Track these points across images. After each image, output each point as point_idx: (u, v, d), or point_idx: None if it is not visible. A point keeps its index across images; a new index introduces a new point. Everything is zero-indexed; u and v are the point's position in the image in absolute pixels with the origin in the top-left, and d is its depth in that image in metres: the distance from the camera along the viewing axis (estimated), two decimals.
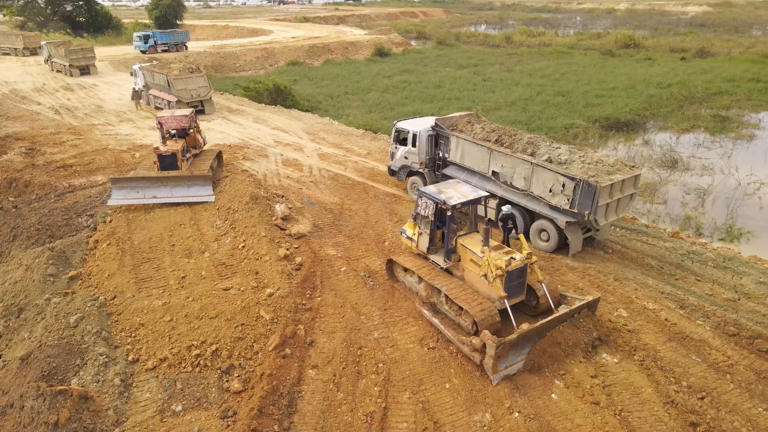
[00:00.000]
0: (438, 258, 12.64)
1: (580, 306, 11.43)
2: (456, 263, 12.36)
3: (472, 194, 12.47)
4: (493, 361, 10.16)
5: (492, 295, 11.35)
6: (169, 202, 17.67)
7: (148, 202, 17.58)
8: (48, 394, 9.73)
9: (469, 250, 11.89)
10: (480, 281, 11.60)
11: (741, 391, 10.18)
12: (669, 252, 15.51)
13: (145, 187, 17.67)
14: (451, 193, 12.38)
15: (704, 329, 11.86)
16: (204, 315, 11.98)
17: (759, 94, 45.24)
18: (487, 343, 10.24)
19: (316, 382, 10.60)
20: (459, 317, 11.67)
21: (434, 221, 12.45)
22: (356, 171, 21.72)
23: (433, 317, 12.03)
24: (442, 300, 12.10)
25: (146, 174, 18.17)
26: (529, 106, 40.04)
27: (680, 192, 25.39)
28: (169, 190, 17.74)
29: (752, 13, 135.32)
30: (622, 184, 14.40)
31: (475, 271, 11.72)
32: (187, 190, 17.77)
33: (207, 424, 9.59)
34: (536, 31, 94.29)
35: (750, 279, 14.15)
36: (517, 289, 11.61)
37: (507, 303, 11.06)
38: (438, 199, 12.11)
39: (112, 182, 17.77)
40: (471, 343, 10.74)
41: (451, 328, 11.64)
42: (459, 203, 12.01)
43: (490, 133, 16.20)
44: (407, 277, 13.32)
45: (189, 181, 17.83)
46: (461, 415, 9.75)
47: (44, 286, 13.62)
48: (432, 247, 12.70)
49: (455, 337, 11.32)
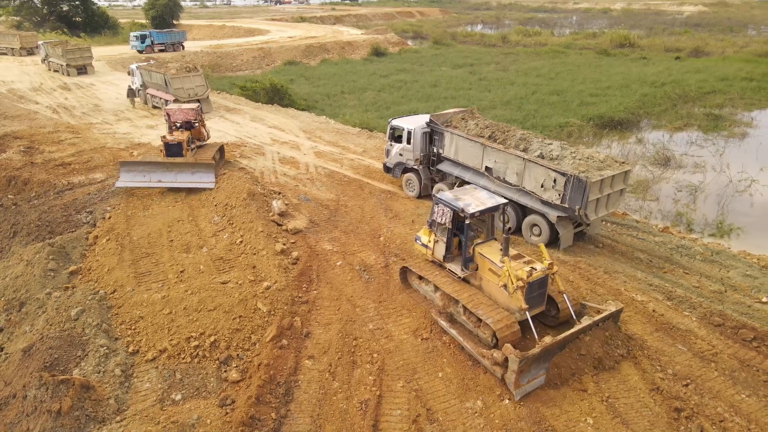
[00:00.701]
0: (455, 266, 12.23)
1: (602, 317, 11.00)
2: (473, 272, 11.95)
3: (490, 201, 12.00)
4: (516, 376, 9.76)
5: (511, 306, 10.99)
6: (173, 186, 18.65)
7: (153, 186, 18.71)
8: (50, 384, 9.98)
9: (488, 259, 11.45)
10: (499, 291, 11.21)
11: (725, 378, 10.49)
12: (658, 246, 15.83)
13: (151, 171, 18.73)
14: (468, 200, 11.93)
15: (690, 320, 12.18)
16: (202, 308, 12.24)
17: (752, 92, 45.65)
18: (510, 357, 9.81)
19: (312, 371, 10.87)
20: (477, 329, 11.29)
21: (451, 229, 12.05)
22: (352, 168, 21.99)
23: (450, 328, 11.62)
24: (460, 310, 11.71)
25: (153, 159, 19.29)
26: (524, 105, 40.35)
27: (672, 189, 25.72)
28: (174, 175, 18.76)
29: (747, 12, 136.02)
30: (612, 179, 14.71)
31: (494, 281, 11.32)
32: (191, 176, 18.74)
33: (206, 412, 9.85)
34: (532, 30, 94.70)
35: (737, 272, 14.48)
36: (537, 300, 11.17)
37: (528, 315, 10.68)
38: (456, 207, 11.66)
39: (120, 165, 18.94)
40: (492, 357, 10.35)
41: (470, 339, 11.27)
42: (477, 211, 11.51)
43: (483, 130, 16.51)
44: (422, 285, 12.89)
45: (193, 167, 18.85)
46: (453, 403, 10.05)
47: (45, 280, 13.86)
48: (448, 255, 12.31)
49: (474, 349, 10.93)
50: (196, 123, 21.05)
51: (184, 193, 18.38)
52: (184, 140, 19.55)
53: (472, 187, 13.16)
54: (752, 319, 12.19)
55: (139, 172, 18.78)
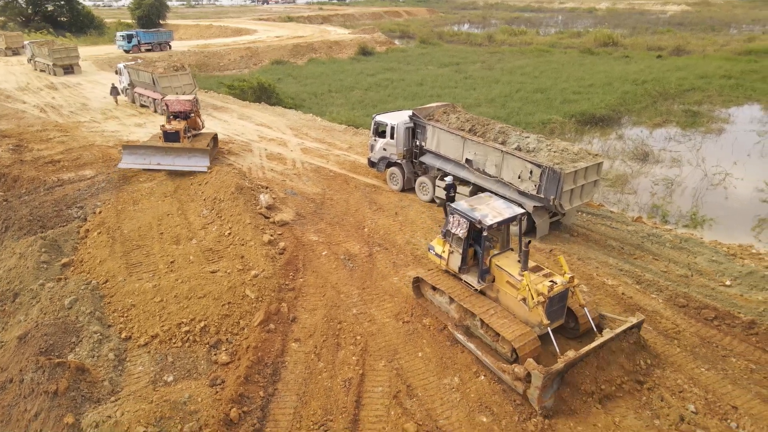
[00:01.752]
0: (471, 278, 11.85)
1: (624, 330, 10.66)
2: (490, 284, 11.62)
3: (507, 211, 11.60)
4: (540, 392, 9.54)
5: (531, 320, 10.74)
6: (171, 169, 20.26)
7: (153, 168, 20.30)
8: (47, 367, 10.42)
9: (506, 271, 11.13)
10: (517, 305, 10.92)
11: (686, 354, 11.18)
12: (630, 235, 16.56)
13: (151, 155, 20.48)
14: (485, 210, 11.51)
15: (657, 301, 12.88)
16: (192, 295, 12.73)
17: (730, 90, 46.71)
18: (533, 373, 9.55)
19: (298, 353, 11.41)
20: (496, 343, 11.00)
21: (467, 239, 11.66)
22: (338, 164, 22.54)
23: (468, 341, 11.34)
24: (477, 324, 11.42)
25: (153, 143, 21.12)
26: (508, 103, 41.04)
27: (650, 183, 26.51)
28: (172, 159, 20.40)
29: (729, 12, 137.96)
30: (586, 171, 15.39)
31: (512, 294, 11.01)
32: (187, 160, 20.30)
33: (197, 391, 10.34)
34: (518, 30, 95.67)
35: (703, 258, 15.23)
36: (557, 314, 10.90)
37: (549, 329, 10.47)
38: (473, 218, 11.26)
39: (123, 148, 20.75)
40: (513, 372, 10.04)
41: (488, 353, 11.00)
42: (495, 222, 11.14)
43: (464, 123, 17.13)
44: (436, 296, 12.54)
45: (189, 152, 20.48)
46: (432, 380, 10.64)
47: (38, 272, 14.25)
48: (464, 267, 11.94)
49: (494, 364, 10.64)
50: (191, 113, 22.55)
51: (173, 188, 18.82)
52: (181, 129, 21.25)
53: (487, 195, 12.71)
54: (715, 300, 12.93)
55: (140, 155, 20.48)
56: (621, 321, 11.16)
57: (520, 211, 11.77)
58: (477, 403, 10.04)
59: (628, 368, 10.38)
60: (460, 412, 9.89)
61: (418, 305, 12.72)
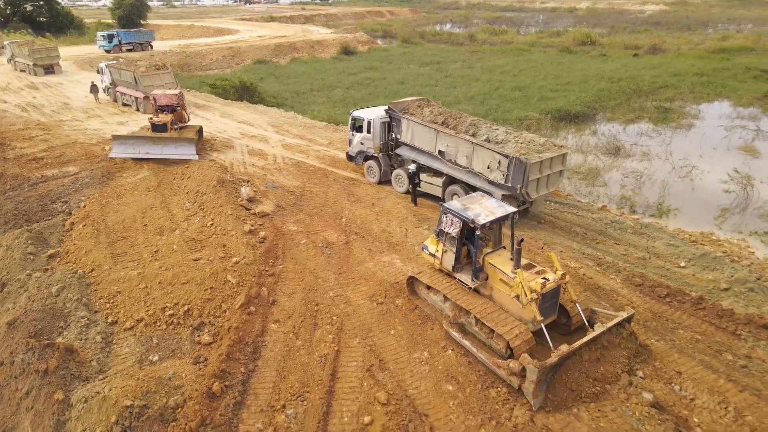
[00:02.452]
0: (465, 277, 12.05)
1: (615, 324, 10.96)
2: (483, 282, 11.83)
3: (499, 210, 11.83)
4: (535, 385, 9.78)
5: (524, 317, 10.94)
6: (159, 157, 21.36)
7: (142, 157, 21.30)
8: (37, 348, 10.95)
9: (499, 269, 11.35)
10: (511, 302, 11.13)
11: (639, 326, 12.04)
12: (595, 222, 17.48)
13: (140, 144, 21.52)
14: (478, 209, 11.75)
15: (615, 281, 13.77)
16: (176, 281, 13.31)
17: (701, 87, 48.15)
18: (528, 368, 9.78)
19: (277, 333, 12.06)
20: (490, 339, 11.26)
21: (460, 239, 11.88)
22: (318, 158, 23.20)
23: (463, 339, 11.53)
24: (471, 321, 11.65)
25: (142, 134, 22.29)
26: (487, 101, 41.95)
27: (620, 175, 27.56)
28: (160, 148, 21.48)
29: (706, 11, 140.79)
30: (551, 161, 16.26)
31: (506, 291, 11.22)
32: (175, 149, 21.52)
33: (181, 369, 10.93)
34: (499, 29, 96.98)
35: (662, 242, 16.18)
36: (550, 310, 11.14)
37: (542, 325, 10.73)
38: (466, 217, 11.49)
39: (113, 138, 21.86)
40: (509, 367, 10.28)
41: (483, 350, 11.22)
42: (488, 222, 11.36)
43: (437, 116, 17.92)
44: (430, 294, 12.74)
45: (176, 142, 21.68)
46: (403, 354, 11.37)
47: (25, 263, 14.70)
48: (458, 265, 12.15)
49: (489, 360, 10.86)
50: (178, 107, 23.79)
51: (156, 183, 19.32)
52: (168, 121, 22.56)
53: (479, 194, 12.87)
54: (668, 279, 13.85)
55: (129, 145, 21.57)
56: (611, 315, 11.42)
57: (511, 210, 11.97)
58: (444, 374, 10.79)
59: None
60: (428, 382, 10.64)
61: (391, 287, 13.44)
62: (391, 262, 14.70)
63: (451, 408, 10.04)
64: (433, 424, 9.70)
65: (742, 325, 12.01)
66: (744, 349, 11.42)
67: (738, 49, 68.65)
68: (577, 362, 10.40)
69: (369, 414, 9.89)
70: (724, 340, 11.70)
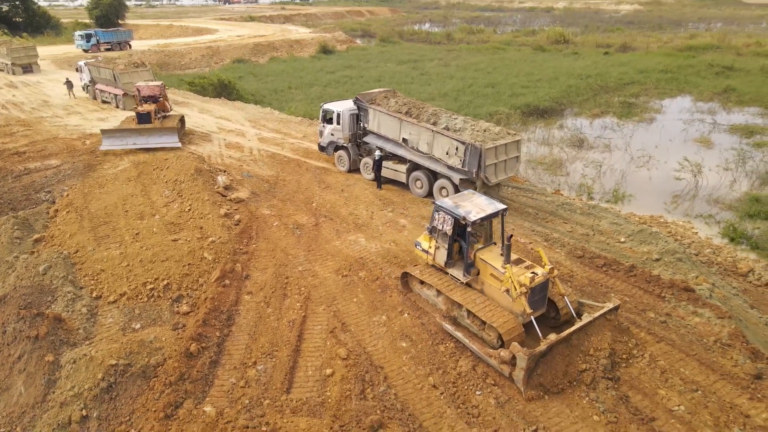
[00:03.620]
0: (457, 272, 12.44)
1: (601, 314, 11.35)
2: (475, 277, 12.24)
3: (490, 208, 12.20)
4: (525, 372, 10.24)
5: (514, 310, 11.36)
6: (146, 147, 23.20)
7: (130, 147, 23.01)
8: (27, 317, 11.98)
9: (490, 264, 11.76)
10: (501, 296, 11.53)
11: (575, 291, 13.41)
12: (547, 204, 18.92)
13: (127, 136, 23.37)
14: (468, 207, 12.13)
15: (559, 254, 15.17)
16: (156, 259, 14.37)
17: (665, 83, 50.17)
18: (518, 355, 10.22)
19: (250, 303, 13.22)
20: (482, 331, 11.65)
21: (452, 235, 12.27)
22: (292, 150, 24.35)
23: (456, 331, 11.91)
24: (464, 314, 12.03)
25: (128, 126, 24.11)
26: (460, 97, 43.34)
27: (582, 165, 29.15)
28: (146, 138, 23.43)
29: (679, 10, 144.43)
30: (506, 147, 17.62)
31: (496, 286, 11.64)
32: (159, 138, 23.53)
33: (161, 334, 12.02)
34: (476, 28, 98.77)
35: (606, 221, 17.66)
36: (539, 303, 11.55)
37: (532, 317, 11.13)
38: (457, 214, 11.87)
39: (102, 133, 23.49)
40: (500, 356, 10.70)
41: (475, 341, 11.63)
42: (479, 218, 11.73)
43: (402, 106, 19.22)
44: (424, 289, 13.14)
45: (160, 131, 23.71)
46: (363, 318, 12.61)
47: (12, 246, 15.63)
48: (450, 261, 12.50)
49: (481, 350, 11.26)
50: (160, 98, 25.66)
51: (136, 174, 20.28)
52: (152, 111, 24.51)
53: (470, 192, 13.30)
54: (607, 252, 15.31)
55: (117, 137, 23.32)
56: (598, 306, 11.85)
57: (501, 207, 12.35)
58: (399, 334, 12.06)
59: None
60: (385, 340, 11.90)
61: (355, 262, 14.67)
62: (357, 240, 15.95)
63: (404, 361, 11.31)
64: (388, 374, 10.96)
65: (666, 289, 13.48)
66: (666, 309, 12.88)
67: (704, 47, 71.14)
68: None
69: (331, 367, 11.12)
70: (650, 302, 13.16)
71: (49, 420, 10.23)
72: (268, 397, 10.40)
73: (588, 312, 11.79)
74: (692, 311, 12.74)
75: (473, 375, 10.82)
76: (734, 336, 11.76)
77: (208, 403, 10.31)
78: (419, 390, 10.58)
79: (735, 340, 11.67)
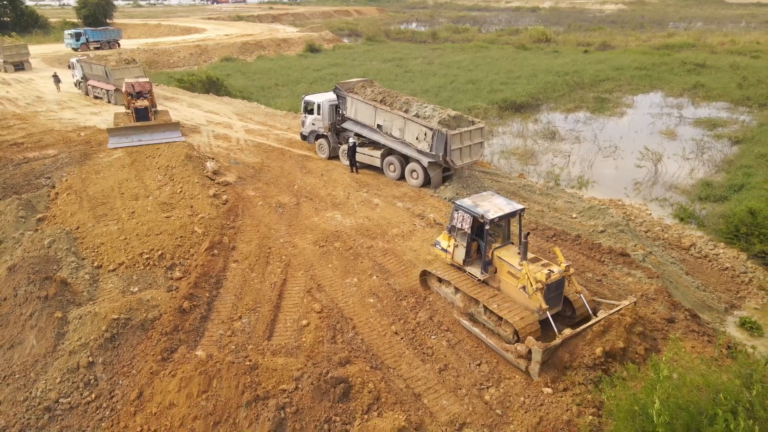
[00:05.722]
0: (474, 270, 12.74)
1: (617, 310, 11.62)
2: (492, 275, 12.53)
3: (507, 207, 12.48)
4: (539, 366, 10.55)
5: (531, 307, 11.61)
6: (151, 143, 23.91)
7: (136, 145, 23.93)
8: (37, 280, 13.48)
9: (506, 262, 12.03)
10: (518, 293, 11.80)
11: None
12: (510, 185, 20.67)
13: (132, 134, 24.39)
14: (487, 206, 12.41)
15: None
16: (151, 233, 15.90)
17: (639, 79, 52.23)
18: (533, 349, 10.58)
19: (236, 269, 14.80)
20: (498, 327, 11.94)
21: (470, 234, 12.58)
22: (277, 140, 25.94)
23: (473, 327, 12.31)
24: (481, 310, 12.33)
25: (133, 124, 25.10)
26: (441, 93, 45.05)
27: (552, 155, 30.99)
28: (150, 135, 24.41)
29: (662, 10, 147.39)
30: (470, 134, 19.34)
31: (513, 283, 11.91)
32: (163, 134, 24.53)
33: (157, 295, 13.57)
34: (461, 27, 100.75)
35: (561, 200, 19.45)
36: (554, 300, 11.77)
37: (548, 314, 11.37)
38: (476, 213, 12.19)
39: (108, 131, 24.49)
40: (516, 350, 11.05)
41: (492, 336, 11.98)
42: (497, 217, 12.01)
43: (377, 95, 20.91)
44: (442, 287, 13.50)
45: (164, 128, 24.90)
46: (337, 280, 14.26)
47: (17, 224, 17.07)
48: (468, 259, 12.81)
49: (498, 344, 11.60)
50: (147, 94, 26.83)
51: (130, 161, 21.77)
52: (148, 106, 25.92)
53: (489, 193, 13.64)
54: (559, 225, 17.07)
55: (122, 135, 24.28)
56: (614, 304, 12.14)
57: (519, 207, 12.72)
58: (368, 292, 13.72)
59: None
60: (355, 298, 13.56)
61: (331, 235, 16.30)
62: (333, 216, 17.59)
63: (371, 314, 12.97)
64: (356, 324, 12.62)
65: (605, 254, 15.26)
66: (603, 271, 14.66)
67: (680, 45, 73.54)
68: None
69: (306, 319, 12.75)
70: (590, 265, 14.92)
71: (60, 366, 11.76)
72: (251, 343, 12.01)
73: (604, 309, 12.04)
74: (626, 273, 14.53)
75: (430, 323, 12.50)
76: (659, 292, 13.55)
77: (199, 349, 11.88)
78: (383, 336, 12.25)
79: (659, 295, 13.45)
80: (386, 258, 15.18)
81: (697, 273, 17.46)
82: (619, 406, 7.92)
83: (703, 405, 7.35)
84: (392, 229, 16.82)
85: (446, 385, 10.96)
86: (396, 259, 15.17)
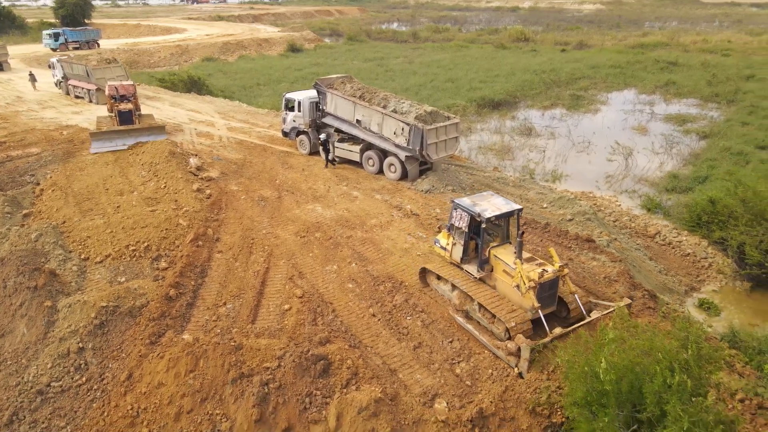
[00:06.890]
0: (471, 268, 12.95)
1: (611, 310, 11.72)
2: (489, 273, 12.68)
3: (505, 207, 12.63)
4: (528, 363, 10.72)
5: (524, 305, 11.72)
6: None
7: (120, 148, 23.40)
8: (26, 271, 13.90)
9: (502, 261, 12.19)
10: (512, 291, 11.93)
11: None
12: (484, 178, 21.53)
13: (116, 137, 23.76)
14: (485, 205, 12.58)
15: None
16: (136, 226, 16.39)
17: (613, 78, 53.63)
18: (522, 346, 10.78)
19: (221, 259, 15.37)
20: (492, 324, 12.10)
21: (468, 232, 12.78)
22: (259, 138, 26.48)
23: (466, 323, 12.47)
24: (475, 308, 12.51)
25: (117, 128, 24.42)
26: (421, 91, 45.83)
27: (527, 151, 31.97)
28: (134, 139, 23.81)
29: (639, 10, 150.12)
30: (446, 129, 20.12)
31: (508, 282, 12.06)
32: (148, 137, 23.90)
33: (144, 284, 14.08)
34: (442, 27, 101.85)
35: (533, 192, 20.35)
36: (548, 300, 11.86)
37: (540, 313, 11.46)
38: (473, 212, 12.37)
39: (91, 135, 23.66)
40: (506, 347, 11.25)
41: (485, 333, 12.15)
42: (494, 216, 12.18)
43: (356, 91, 21.60)
44: (440, 284, 13.74)
45: (149, 131, 24.36)
46: (317, 268, 14.91)
47: (3, 220, 17.41)
48: (465, 257, 13.01)
49: (490, 342, 11.78)
50: (131, 97, 26.40)
51: (113, 159, 22.15)
52: (132, 108, 25.27)
53: (488, 193, 13.79)
54: (528, 215, 17.92)
55: (106, 139, 23.58)
56: (608, 305, 12.37)
57: (517, 207, 12.86)
58: (347, 278, 14.41)
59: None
60: (335, 284, 14.23)
61: (312, 226, 16.95)
62: (314, 209, 18.25)
63: (350, 298, 13.66)
64: (336, 308, 13.30)
65: (572, 241, 16.16)
66: (570, 255, 15.53)
67: (655, 44, 75.43)
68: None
69: (288, 304, 13.40)
70: (557, 251, 15.71)
71: (51, 352, 12.24)
72: (236, 327, 12.62)
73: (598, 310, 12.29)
74: (591, 257, 15.42)
75: (406, 306, 13.24)
76: (621, 274, 14.46)
77: (186, 333, 12.45)
78: (361, 318, 12.95)
79: (621, 277, 14.36)
80: (365, 247, 15.89)
81: (661, 259, 18.48)
82: (572, 368, 8.73)
83: (647, 365, 8.18)
84: (371, 219, 17.53)
85: (420, 360, 11.70)
86: (374, 247, 15.88)
